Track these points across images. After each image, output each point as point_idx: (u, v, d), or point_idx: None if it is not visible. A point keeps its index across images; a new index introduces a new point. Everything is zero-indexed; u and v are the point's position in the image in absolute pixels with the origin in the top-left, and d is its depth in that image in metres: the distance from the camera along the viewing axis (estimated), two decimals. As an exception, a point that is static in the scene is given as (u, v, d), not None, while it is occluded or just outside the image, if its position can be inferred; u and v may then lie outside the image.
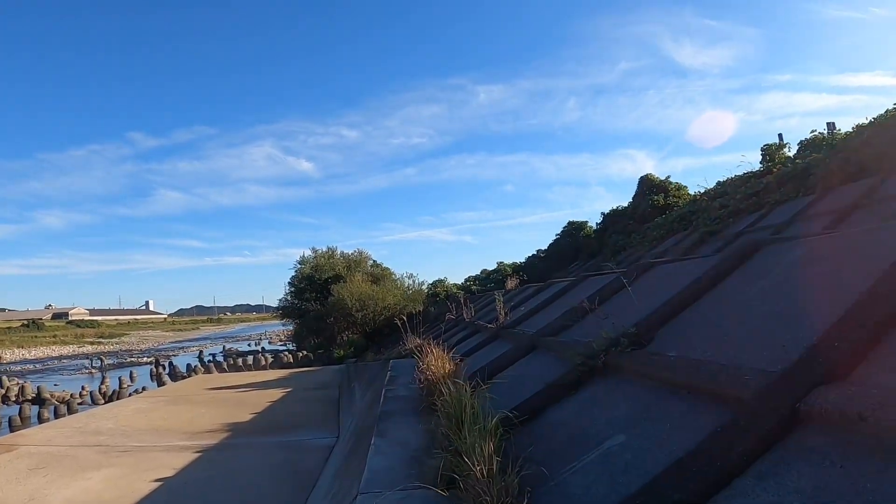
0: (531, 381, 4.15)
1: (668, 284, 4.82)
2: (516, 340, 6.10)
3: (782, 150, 21.34)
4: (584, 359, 3.70)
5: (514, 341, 6.24)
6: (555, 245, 30.46)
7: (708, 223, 16.82)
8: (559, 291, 7.70)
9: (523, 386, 4.12)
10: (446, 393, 3.45)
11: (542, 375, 4.21)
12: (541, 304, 7.59)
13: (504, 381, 4.71)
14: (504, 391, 4.26)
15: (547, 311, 7.17)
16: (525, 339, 5.79)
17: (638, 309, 4.32)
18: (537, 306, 7.52)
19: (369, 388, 10.64)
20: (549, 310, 7.23)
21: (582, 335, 4.83)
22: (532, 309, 7.44)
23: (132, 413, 14.11)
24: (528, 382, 4.24)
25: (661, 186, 26.04)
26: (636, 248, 20.92)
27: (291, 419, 12.94)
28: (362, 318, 29.29)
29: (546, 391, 3.63)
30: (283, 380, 21.19)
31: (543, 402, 3.54)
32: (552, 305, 7.41)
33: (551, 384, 3.68)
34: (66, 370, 45.55)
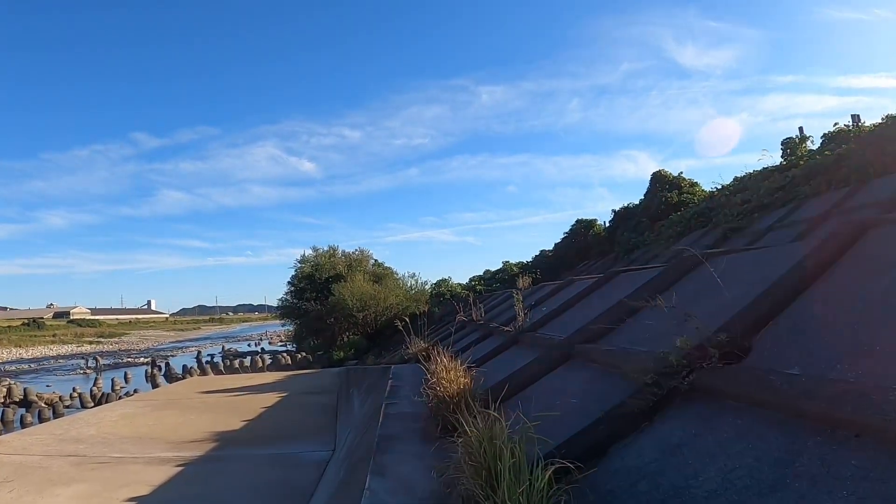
0: (576, 404, 3.17)
1: (740, 280, 3.84)
2: (542, 347, 5.10)
3: (804, 143, 20.31)
4: (656, 376, 2.71)
5: (539, 348, 5.25)
6: (563, 244, 29.41)
7: (730, 219, 15.84)
8: (586, 290, 6.70)
9: (566, 410, 3.13)
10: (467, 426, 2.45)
11: (589, 396, 3.23)
12: (564, 304, 6.60)
13: (534, 400, 3.74)
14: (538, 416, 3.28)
15: (573, 313, 6.18)
16: (553, 345, 4.79)
17: (713, 309, 3.33)
18: (560, 307, 6.53)
19: (368, 397, 9.66)
20: (575, 311, 6.24)
21: (631, 341, 3.85)
22: (555, 310, 6.45)
23: (117, 419, 13.20)
24: (570, 405, 3.25)
25: (674, 183, 25.04)
26: (651, 247, 19.92)
27: (285, 428, 11.99)
28: (363, 318, 28.36)
29: (605, 422, 2.63)
30: (279, 383, 20.24)
31: (604, 438, 2.55)
32: (578, 306, 6.41)
33: (611, 412, 2.68)
34: (61, 370, 44.70)
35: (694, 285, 4.43)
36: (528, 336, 5.96)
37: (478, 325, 9.63)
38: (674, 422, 2.50)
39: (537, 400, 3.73)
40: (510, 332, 6.44)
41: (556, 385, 3.90)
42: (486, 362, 6.08)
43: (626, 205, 26.17)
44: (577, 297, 6.65)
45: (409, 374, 7.47)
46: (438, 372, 4.34)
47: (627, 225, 24.69)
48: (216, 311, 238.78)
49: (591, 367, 3.84)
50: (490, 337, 7.82)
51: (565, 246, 28.78)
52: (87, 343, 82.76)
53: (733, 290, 3.58)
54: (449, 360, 5.20)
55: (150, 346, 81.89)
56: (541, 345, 5.27)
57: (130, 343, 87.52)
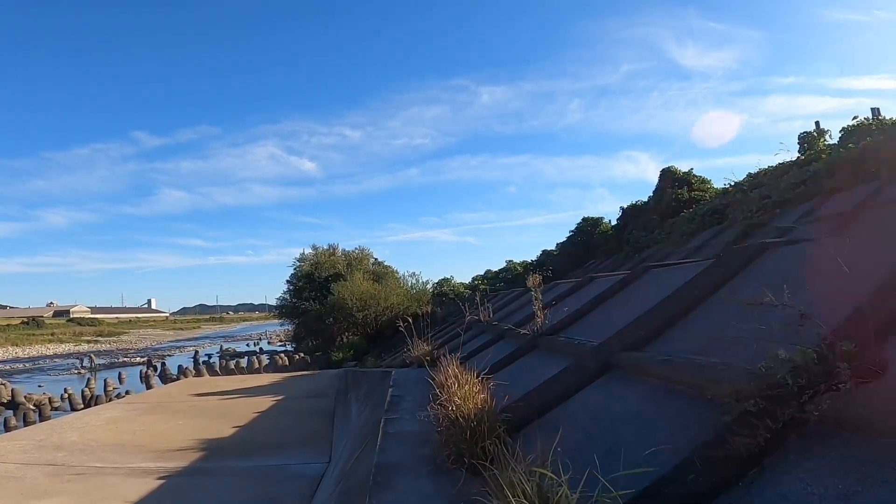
0: (640, 435, 2.40)
1: (824, 272, 3.05)
2: (571, 354, 4.32)
3: (822, 138, 19.57)
4: (762, 402, 1.92)
5: (566, 355, 4.47)
6: (568, 243, 28.58)
7: (750, 216, 15.07)
8: (612, 288, 5.92)
9: (626, 442, 2.36)
10: (503, 482, 1.67)
11: (657, 425, 2.45)
12: (588, 304, 5.81)
13: (574, 424, 2.97)
14: (583, 448, 2.51)
15: (602, 313, 5.40)
16: (585, 352, 4.01)
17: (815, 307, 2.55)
18: (584, 307, 5.74)
19: (367, 404, 8.88)
20: (603, 311, 5.46)
21: (696, 349, 3.06)
22: (578, 310, 5.66)
23: (103, 423, 12.61)
24: (630, 435, 2.48)
25: (684, 179, 24.25)
26: (663, 245, 19.15)
27: (278, 435, 11.34)
28: (363, 318, 27.57)
29: (697, 467, 1.85)
30: (275, 385, 19.47)
31: (703, 491, 1.77)
32: (606, 306, 5.63)
33: (703, 452, 1.90)
34: (56, 370, 43.97)
35: (759, 280, 3.65)
36: (549, 340, 5.17)
37: (487, 327, 8.85)
38: (801, 470, 1.72)
39: (578, 424, 2.95)
40: (527, 334, 5.66)
41: (598, 403, 3.12)
42: (500, 370, 5.31)
43: (635, 202, 25.39)
44: (602, 295, 5.87)
45: (412, 381, 6.70)
46: (449, 385, 3.57)
47: (636, 223, 23.91)
48: (217, 310, 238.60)
49: (642, 383, 3.06)
50: (501, 340, 7.05)
51: (571, 245, 27.97)
52: (84, 342, 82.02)
53: (821, 286, 2.81)
54: (459, 368, 4.43)
55: (149, 345, 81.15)
56: (568, 351, 4.49)
57: (129, 342, 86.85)
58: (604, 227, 27.51)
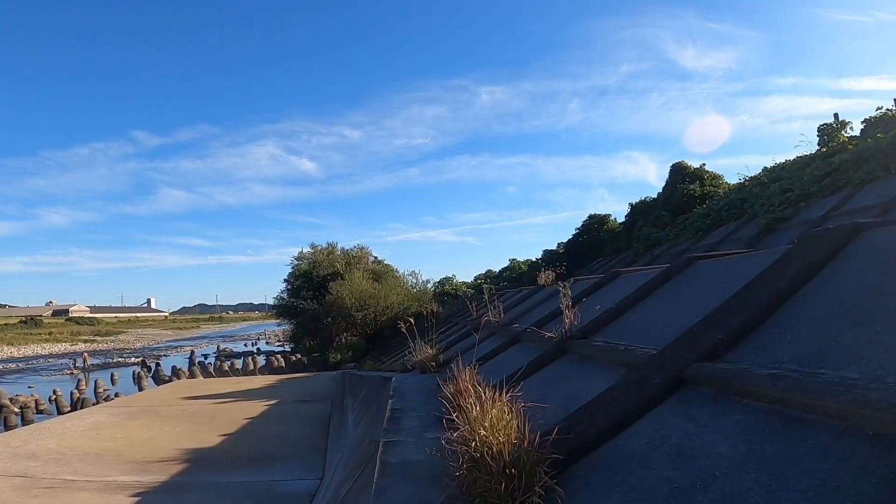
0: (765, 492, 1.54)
1: None
2: (619, 363, 3.46)
3: (843, 129, 18.73)
4: None
5: (610, 364, 3.61)
6: (574, 241, 27.65)
7: (772, 209, 14.20)
8: (650, 284, 5.04)
9: None
10: None
11: (790, 473, 1.59)
12: (622, 303, 4.93)
13: (644, 464, 2.12)
14: None
15: (644, 314, 4.53)
16: (643, 361, 3.14)
17: None
18: (618, 306, 4.87)
19: (364, 414, 8.01)
20: (646, 311, 4.59)
21: (804, 359, 2.20)
22: (613, 309, 4.79)
23: (85, 429, 11.21)
24: (752, 491, 1.62)
25: (695, 175, 23.40)
26: (676, 241, 18.28)
27: (268, 445, 10.57)
28: (362, 318, 26.68)
29: None
30: (269, 388, 18.60)
31: None
32: (643, 306, 4.76)
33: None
34: (48, 370, 43.11)
35: (859, 269, 2.78)
36: (582, 345, 4.30)
37: (497, 328, 7.98)
38: None
39: (657, 467, 2.08)
40: (552, 338, 4.78)
41: (679, 435, 2.24)
42: (522, 381, 4.45)
43: (644, 198, 24.52)
44: (638, 293, 4.99)
45: (416, 390, 5.83)
46: (467, 407, 2.69)
47: (646, 220, 23.04)
48: (217, 309, 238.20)
49: (740, 406, 2.19)
50: (518, 344, 6.17)
51: (577, 243, 27.05)
52: (81, 342, 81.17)
53: None
54: (476, 379, 3.57)
55: (146, 344, 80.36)
56: (612, 359, 3.61)
57: (126, 342, 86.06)
58: (611, 225, 26.63)
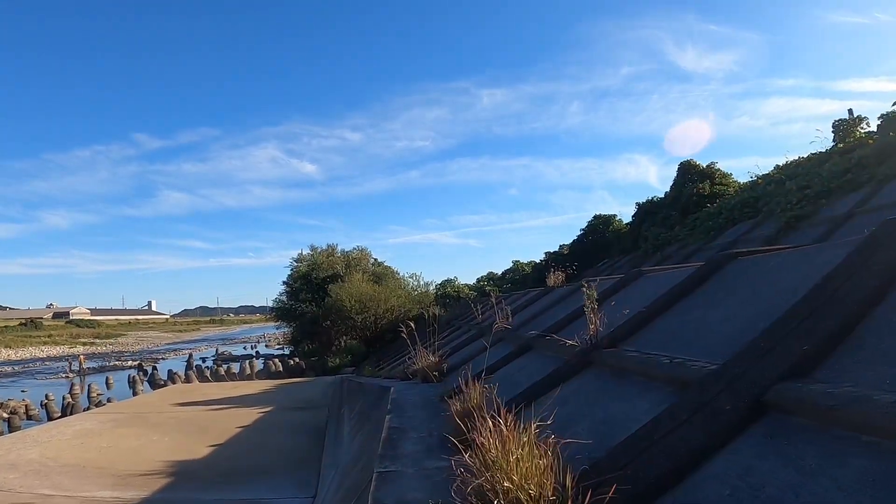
0: None
1: None
2: (665, 380, 2.81)
3: (859, 125, 18.10)
4: None
5: (650, 380, 2.96)
6: (579, 242, 26.99)
7: (790, 207, 13.55)
8: (684, 285, 4.39)
9: None
10: None
11: None
12: (653, 306, 4.29)
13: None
14: None
15: (678, 318, 3.88)
16: (705, 381, 2.49)
17: None
18: (650, 309, 4.22)
19: (361, 427, 7.36)
20: (678, 316, 3.94)
21: None
22: (644, 313, 4.14)
23: (70, 438, 10.81)
24: None
25: (704, 173, 22.77)
26: (686, 241, 17.62)
27: (259, 458, 9.96)
28: (362, 321, 26.01)
29: None
30: (265, 394, 17.95)
31: None
32: (679, 309, 4.12)
33: None
34: (44, 373, 42.47)
35: None
36: (612, 356, 3.65)
37: (505, 333, 7.31)
38: None
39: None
40: (574, 346, 4.12)
41: (784, 486, 1.61)
42: (539, 397, 3.80)
43: (651, 198, 23.88)
44: (672, 294, 4.34)
45: (416, 404, 5.20)
46: (483, 443, 2.05)
47: (653, 220, 22.39)
48: (218, 312, 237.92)
49: (870, 450, 1.55)
50: (530, 351, 5.53)
51: (582, 243, 26.38)
52: (80, 344, 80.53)
53: None
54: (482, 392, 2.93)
55: (146, 347, 79.71)
56: (653, 374, 2.97)
57: (126, 344, 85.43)
58: (617, 225, 25.97)
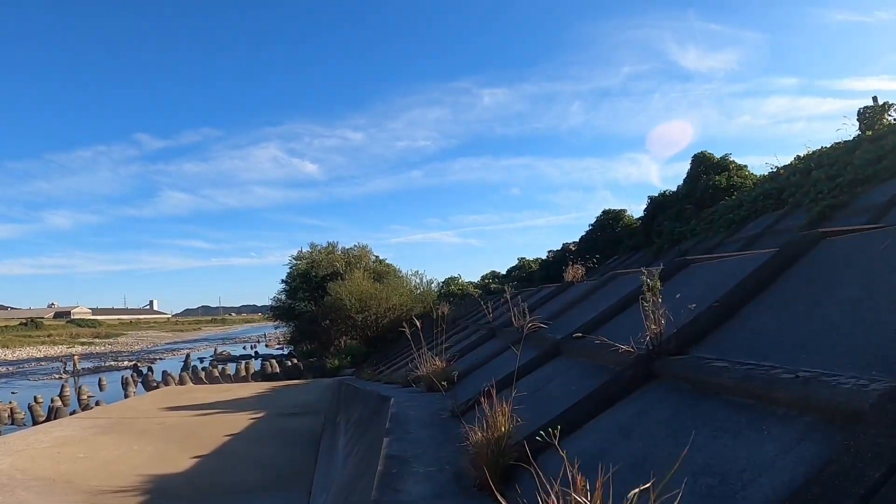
0: None
1: None
2: (787, 405, 1.86)
3: (886, 111, 17.14)
4: None
5: (767, 405, 2.01)
6: (587, 238, 26.02)
7: (821, 196, 12.59)
8: (755, 277, 3.43)
9: None
10: None
11: None
12: (725, 300, 3.33)
13: None
14: None
15: (759, 318, 2.93)
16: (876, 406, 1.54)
17: None
18: (725, 305, 3.26)
19: (357, 444, 6.41)
20: (758, 314, 2.99)
21: None
22: (717, 309, 3.18)
23: (48, 446, 10.27)
24: None
25: (719, 165, 21.83)
26: (705, 235, 16.66)
27: (245, 472, 9.06)
28: (362, 320, 25.08)
29: None
30: (259, 398, 17.00)
31: None
32: (757, 306, 3.17)
33: None
34: (38, 374, 41.69)
35: None
36: (687, 366, 2.69)
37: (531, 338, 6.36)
38: None
39: None
40: (629, 353, 3.16)
41: None
42: (587, 421, 2.86)
43: (664, 192, 22.90)
44: (745, 287, 3.39)
45: (421, 422, 4.26)
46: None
47: (667, 214, 21.43)
48: (220, 311, 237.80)
49: None
50: (560, 357, 4.57)
51: (591, 239, 25.41)
52: (79, 344, 79.88)
53: None
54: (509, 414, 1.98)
55: (145, 347, 79.05)
56: (775, 397, 2.02)
57: (125, 344, 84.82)
58: (627, 221, 25.00)
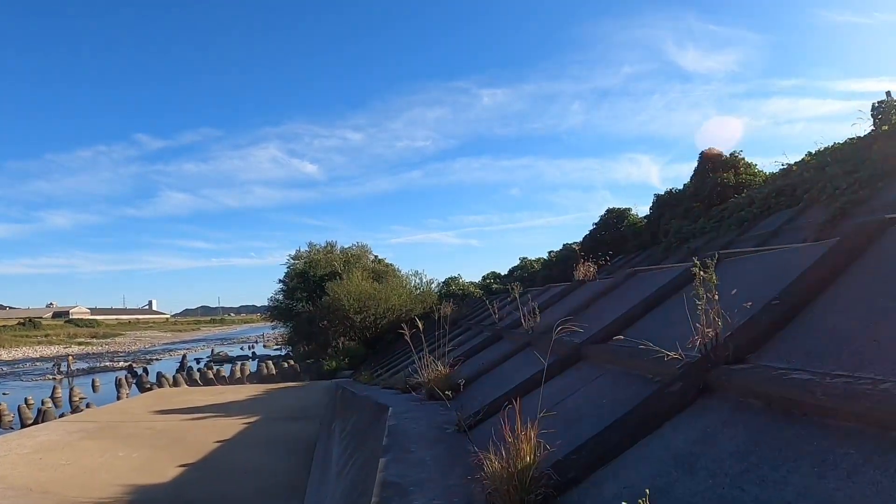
0: None
1: None
2: None
3: (903, 106, 16.57)
4: None
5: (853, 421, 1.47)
6: (592, 237, 25.46)
7: (839, 192, 12.06)
8: (818, 270, 2.89)
9: None
10: None
11: None
12: (791, 298, 2.78)
13: None
14: None
15: (830, 315, 2.39)
16: None
17: None
18: (787, 303, 2.72)
19: (351, 458, 5.87)
20: (823, 310, 2.45)
21: None
22: (778, 307, 2.64)
23: (29, 452, 9.89)
24: None
25: (728, 163, 21.28)
26: (715, 233, 16.12)
27: (233, 483, 8.55)
28: (361, 321, 24.54)
29: None
30: (253, 401, 16.40)
31: None
32: (825, 303, 2.62)
33: None
34: (33, 374, 41.12)
35: None
36: (756, 378, 2.14)
37: (533, 337, 5.83)
38: None
39: None
40: (676, 360, 2.61)
41: None
42: (626, 448, 2.32)
43: (670, 190, 22.33)
44: (801, 283, 2.84)
45: (423, 437, 3.72)
46: None
47: (674, 212, 20.88)
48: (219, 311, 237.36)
49: None
50: (581, 363, 4.03)
51: (595, 239, 24.85)
52: (76, 344, 79.29)
53: None
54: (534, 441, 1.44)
55: (142, 347, 78.49)
56: None
57: (122, 344, 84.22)
58: (632, 219, 24.43)
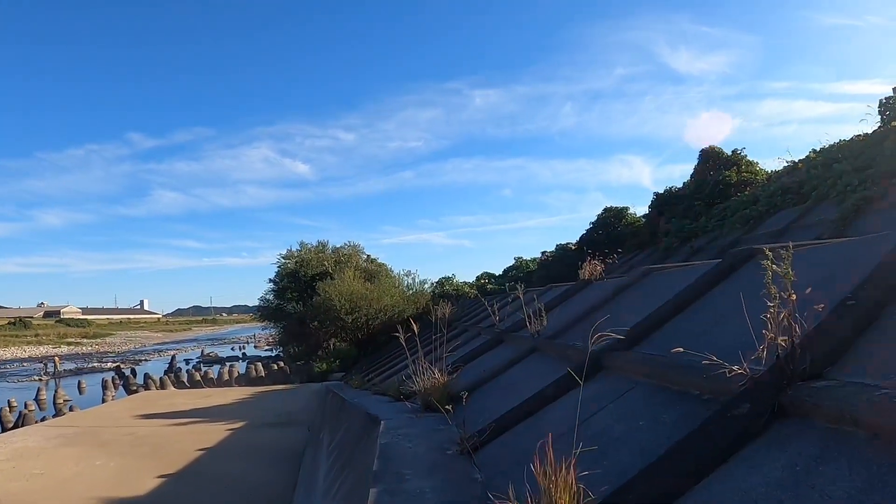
0: None
1: None
2: None
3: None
4: None
5: None
6: (588, 237, 24.95)
7: (850, 189, 11.61)
8: None
9: None
10: None
11: None
12: (858, 302, 2.23)
13: None
14: None
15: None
16: None
17: None
18: (858, 304, 2.16)
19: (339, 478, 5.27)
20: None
21: None
22: (855, 308, 2.09)
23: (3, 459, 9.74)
24: None
25: (730, 161, 20.86)
26: (718, 232, 15.64)
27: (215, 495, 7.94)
28: (353, 322, 23.95)
29: None
30: (240, 405, 15.77)
31: None
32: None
33: None
34: (20, 375, 40.16)
35: None
36: (862, 402, 1.59)
37: (540, 342, 5.26)
38: None
39: None
40: (742, 375, 2.05)
41: None
42: (690, 490, 1.78)
43: (670, 188, 21.87)
44: (882, 281, 2.29)
45: (422, 462, 3.15)
46: None
47: (674, 211, 20.40)
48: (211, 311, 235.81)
49: None
50: (602, 374, 3.46)
51: (592, 238, 24.34)
52: (66, 344, 78.06)
53: None
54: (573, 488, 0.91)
55: (133, 347, 77.41)
56: None
57: (112, 344, 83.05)
58: (631, 219, 23.96)
